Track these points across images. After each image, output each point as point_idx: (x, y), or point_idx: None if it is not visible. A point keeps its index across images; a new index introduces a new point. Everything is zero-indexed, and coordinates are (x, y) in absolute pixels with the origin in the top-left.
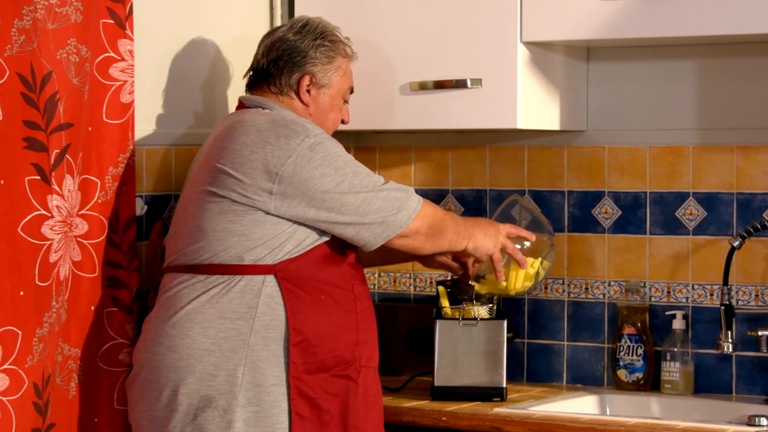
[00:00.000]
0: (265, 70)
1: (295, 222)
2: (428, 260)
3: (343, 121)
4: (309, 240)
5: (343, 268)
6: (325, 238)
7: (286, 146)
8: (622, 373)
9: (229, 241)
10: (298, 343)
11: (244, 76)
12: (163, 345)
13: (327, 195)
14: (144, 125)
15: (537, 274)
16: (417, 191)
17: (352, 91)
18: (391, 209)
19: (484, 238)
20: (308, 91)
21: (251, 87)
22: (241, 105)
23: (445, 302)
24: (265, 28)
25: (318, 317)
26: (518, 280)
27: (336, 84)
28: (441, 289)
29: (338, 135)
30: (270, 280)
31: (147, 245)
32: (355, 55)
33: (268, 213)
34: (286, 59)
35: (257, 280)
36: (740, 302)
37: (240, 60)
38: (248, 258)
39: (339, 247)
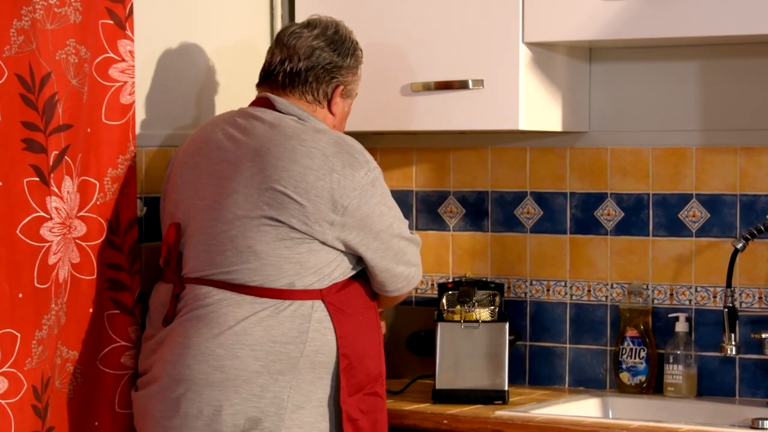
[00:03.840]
0: (302, 76)
1: (343, 251)
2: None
3: None
4: (353, 267)
5: (369, 286)
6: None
7: (351, 177)
8: (625, 376)
9: (284, 267)
10: (345, 367)
11: (267, 71)
12: (208, 363)
13: (380, 234)
14: (144, 126)
15: None
16: (418, 193)
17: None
18: (412, 266)
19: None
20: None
21: (281, 88)
22: (268, 103)
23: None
24: (265, 29)
25: (358, 339)
26: None
27: (355, 94)
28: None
29: None
30: (318, 305)
31: (162, 247)
32: None
33: (324, 243)
34: (325, 67)
35: (307, 305)
36: (744, 305)
37: (240, 60)
38: (299, 284)
39: None
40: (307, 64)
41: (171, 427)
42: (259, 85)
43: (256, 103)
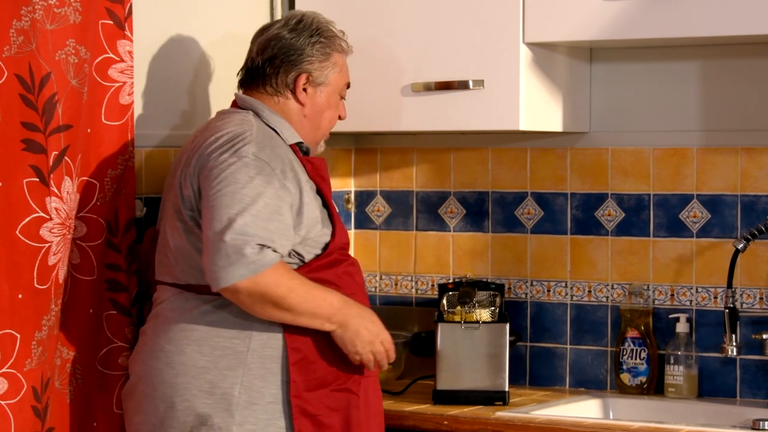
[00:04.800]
0: (260, 69)
1: None
2: None
3: (339, 117)
4: (287, 258)
5: (340, 279)
6: (312, 255)
7: (214, 161)
8: (626, 377)
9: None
10: (297, 361)
11: (238, 73)
12: (160, 360)
13: (204, 216)
14: (143, 126)
15: None
16: (418, 194)
17: (348, 86)
18: (213, 264)
19: (356, 336)
20: (305, 90)
21: (246, 85)
22: (236, 104)
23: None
24: None
25: (316, 333)
26: None
27: (333, 81)
28: None
29: (340, 138)
30: None
31: (141, 251)
32: (351, 49)
33: None
34: (282, 57)
35: None
36: (744, 305)
37: (240, 60)
38: None
39: (332, 259)
40: (263, 57)
41: (135, 423)
42: (238, 88)
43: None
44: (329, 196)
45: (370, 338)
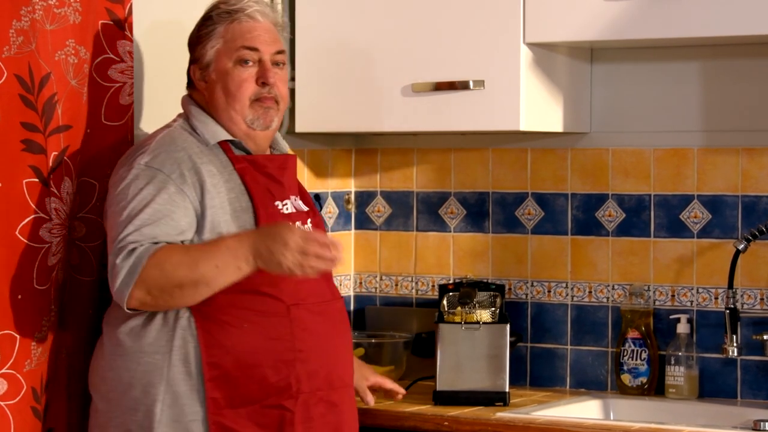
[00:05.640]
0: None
1: None
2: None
3: (264, 83)
4: None
5: (280, 286)
6: None
7: (114, 176)
8: (626, 378)
9: None
10: (215, 377)
11: None
12: (97, 375)
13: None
14: (143, 126)
15: None
16: (419, 194)
17: (254, 49)
18: (113, 286)
19: (272, 255)
20: (204, 80)
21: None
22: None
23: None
24: None
25: (239, 346)
26: None
27: (216, 55)
28: None
29: (340, 138)
30: (183, 312)
31: None
32: (248, 16)
33: None
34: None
35: (171, 314)
36: (745, 306)
37: None
38: None
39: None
40: None
41: None
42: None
43: None
44: (261, 194)
45: (282, 247)
